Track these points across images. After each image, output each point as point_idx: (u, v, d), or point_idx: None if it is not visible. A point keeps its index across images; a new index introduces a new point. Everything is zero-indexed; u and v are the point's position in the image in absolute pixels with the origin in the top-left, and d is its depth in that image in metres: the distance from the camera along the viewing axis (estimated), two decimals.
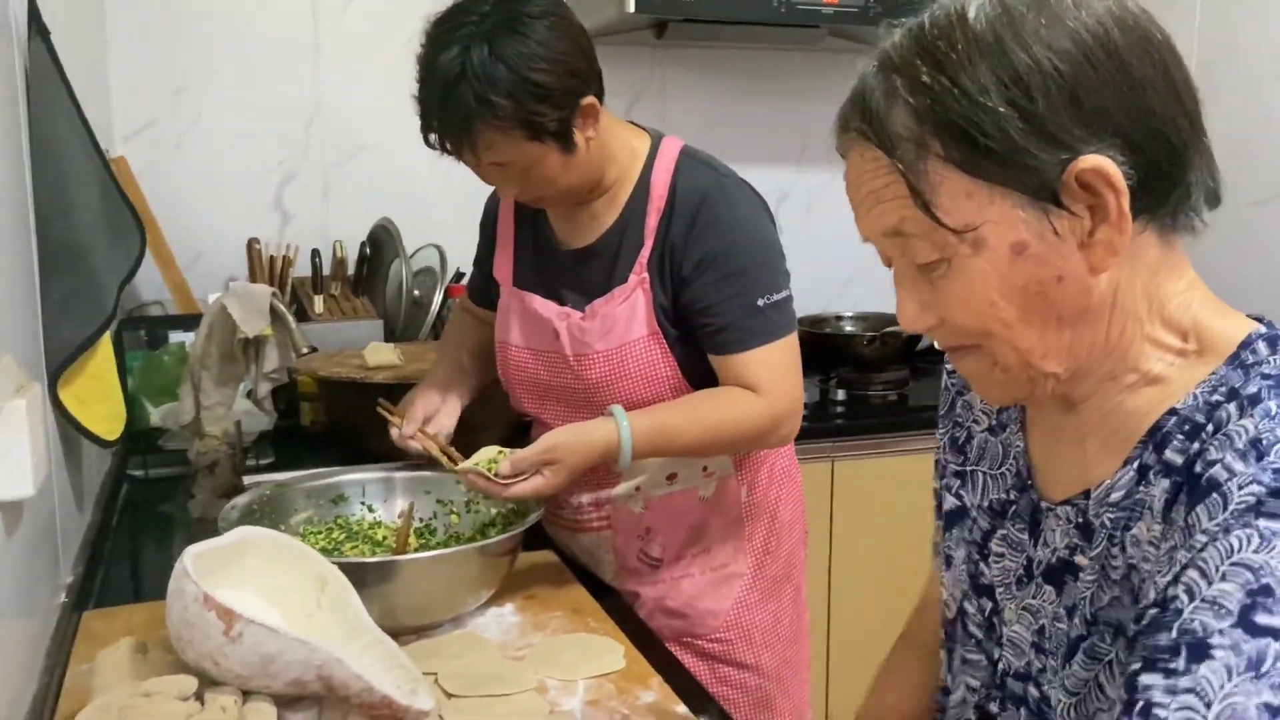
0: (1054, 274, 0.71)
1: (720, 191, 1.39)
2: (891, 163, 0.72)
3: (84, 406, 1.38)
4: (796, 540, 1.58)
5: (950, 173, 0.71)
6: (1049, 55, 0.69)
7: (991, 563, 0.89)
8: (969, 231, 0.71)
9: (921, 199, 0.72)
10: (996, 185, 0.70)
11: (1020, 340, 0.74)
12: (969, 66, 0.70)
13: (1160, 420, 0.74)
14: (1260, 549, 0.63)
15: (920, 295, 0.77)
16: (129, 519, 1.79)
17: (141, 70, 2.46)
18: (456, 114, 1.27)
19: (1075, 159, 0.69)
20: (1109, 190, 0.69)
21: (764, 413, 1.37)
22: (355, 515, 1.51)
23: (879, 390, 2.68)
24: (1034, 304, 0.72)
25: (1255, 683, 0.61)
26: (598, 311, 1.42)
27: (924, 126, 0.71)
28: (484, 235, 1.62)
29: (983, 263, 0.72)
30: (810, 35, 2.81)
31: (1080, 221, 0.70)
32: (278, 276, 2.44)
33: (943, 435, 0.99)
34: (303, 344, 1.81)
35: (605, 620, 1.33)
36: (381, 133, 2.65)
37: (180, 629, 1.01)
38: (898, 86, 0.72)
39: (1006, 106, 0.69)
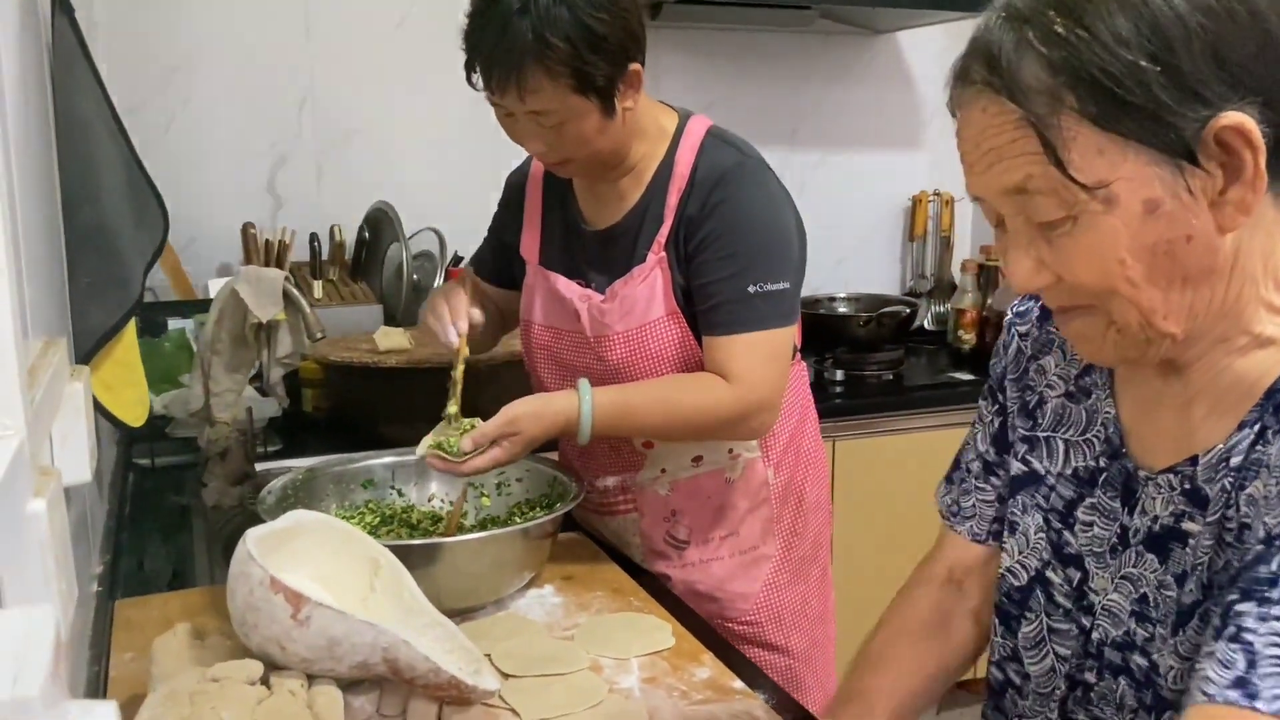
0: (1184, 233, 0.70)
1: (739, 172, 1.38)
2: (1022, 116, 0.70)
3: (111, 392, 1.35)
4: (823, 521, 1.59)
5: (1084, 127, 0.69)
6: (1189, 8, 0.67)
7: (1079, 531, 0.88)
8: (1101, 188, 0.70)
9: (1054, 154, 0.70)
10: (1131, 141, 0.69)
11: (1144, 300, 0.73)
12: (1107, 17, 0.68)
13: (1277, 383, 0.74)
14: None
15: (1038, 253, 0.75)
16: (141, 508, 1.76)
17: (130, 51, 2.41)
18: (511, 49, 1.25)
19: (1216, 116, 0.67)
20: (1247, 149, 0.68)
21: (733, 403, 1.34)
22: (386, 499, 1.50)
23: (874, 370, 2.71)
24: (1161, 263, 0.71)
25: None
26: (617, 293, 1.41)
27: (1059, 79, 0.69)
28: (507, 210, 1.59)
29: (1114, 220, 0.71)
30: (803, 17, 2.82)
31: (1213, 180, 0.69)
32: (274, 261, 2.40)
33: (1013, 400, 0.97)
34: (317, 329, 1.79)
35: (647, 600, 1.34)
36: (375, 116, 2.62)
37: (245, 613, 0.99)
38: (1030, 37, 0.70)
39: (1148, 60, 0.67)
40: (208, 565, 1.55)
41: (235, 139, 2.53)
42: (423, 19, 2.62)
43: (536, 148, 1.37)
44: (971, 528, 1.04)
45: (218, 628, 1.11)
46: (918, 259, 3.23)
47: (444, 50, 2.43)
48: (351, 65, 2.59)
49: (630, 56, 1.31)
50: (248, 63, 2.51)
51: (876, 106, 3.07)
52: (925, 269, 3.22)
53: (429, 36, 2.62)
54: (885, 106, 3.08)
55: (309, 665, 1.00)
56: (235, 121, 2.52)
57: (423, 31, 2.62)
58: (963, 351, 2.88)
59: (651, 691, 1.12)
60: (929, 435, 2.58)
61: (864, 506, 2.50)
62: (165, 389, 2.12)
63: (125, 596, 1.37)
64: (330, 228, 2.55)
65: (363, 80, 2.61)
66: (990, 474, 1.02)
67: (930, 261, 3.22)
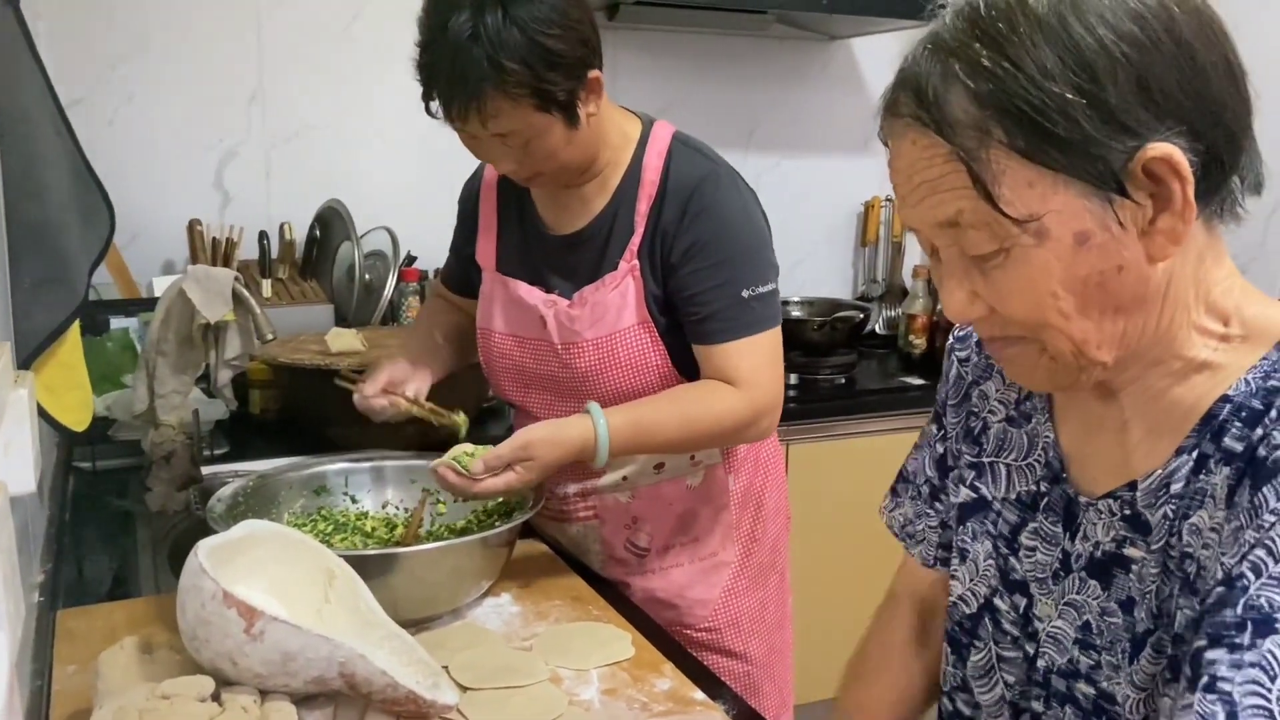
0: (1115, 264, 0.70)
1: (713, 180, 1.37)
2: (951, 150, 0.69)
3: (52, 395, 1.31)
4: (781, 527, 1.59)
5: (1013, 161, 0.68)
6: (1115, 39, 0.66)
7: (1023, 557, 0.88)
8: (1032, 221, 0.69)
9: (984, 188, 0.69)
10: (1061, 173, 0.68)
11: (1077, 331, 0.72)
12: (1032, 49, 0.67)
13: (1214, 408, 0.74)
14: None
15: (971, 284, 0.74)
16: (82, 513, 1.71)
17: (72, 42, 2.34)
18: (466, 78, 1.23)
19: (1143, 147, 0.67)
20: (1175, 179, 0.67)
21: (744, 407, 1.35)
22: (339, 506, 1.47)
23: (827, 374, 2.72)
24: (1094, 294, 0.71)
25: None
26: (587, 299, 1.40)
27: (986, 112, 0.68)
28: (463, 219, 1.58)
29: (1046, 253, 0.70)
30: (759, 21, 2.83)
31: (1143, 210, 0.69)
32: (221, 259, 2.35)
33: (955, 426, 0.97)
34: (267, 330, 1.75)
35: (606, 608, 1.33)
36: (327, 112, 2.58)
37: (197, 627, 0.97)
38: (956, 70, 0.69)
39: (1074, 92, 0.66)
40: (152, 572, 1.50)
41: (182, 133, 2.47)
42: (377, 15, 2.58)
43: (507, 167, 1.36)
44: (921, 552, 1.05)
45: (166, 641, 1.07)
46: (870, 264, 3.25)
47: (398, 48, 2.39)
48: (304, 60, 2.54)
49: (588, 65, 1.30)
50: (196, 55, 2.45)
51: (831, 112, 3.09)
52: (877, 274, 3.24)
53: (383, 33, 2.58)
54: (839, 112, 3.09)
55: (262, 681, 0.97)
56: (182, 115, 2.46)
57: (377, 28, 2.58)
58: (913, 356, 2.91)
59: (612, 704, 1.11)
60: (880, 439, 2.60)
61: (817, 510, 2.50)
62: (107, 389, 2.06)
63: (66, 605, 1.33)
64: (280, 225, 2.50)
65: (315, 76, 2.56)
66: (935, 499, 1.02)
67: (882, 267, 3.24)
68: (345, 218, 2.45)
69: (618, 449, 1.32)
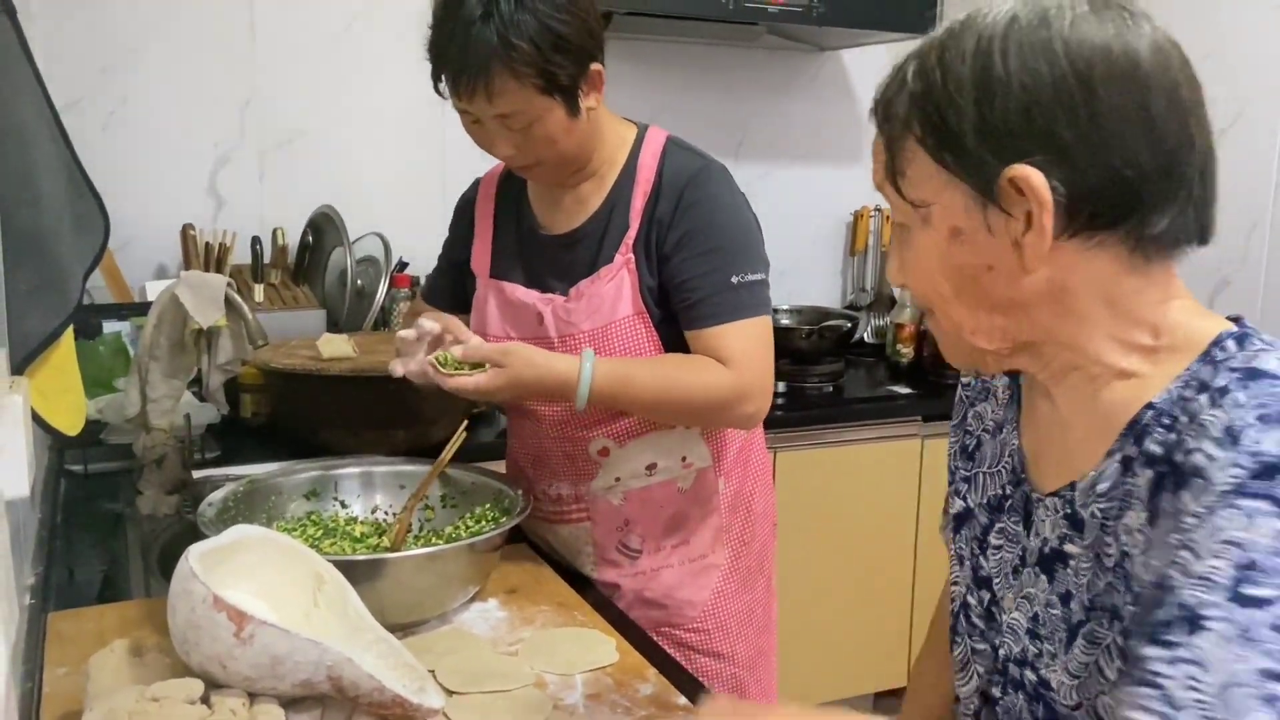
0: (985, 263, 0.79)
1: (707, 173, 1.42)
2: (883, 134, 0.82)
3: (46, 399, 1.32)
4: (768, 531, 1.61)
5: (920, 154, 0.79)
6: (1020, 70, 0.74)
7: (990, 554, 0.93)
8: (922, 207, 0.80)
9: (892, 170, 0.81)
10: (952, 174, 0.78)
11: (954, 314, 0.82)
12: (959, 64, 0.76)
13: (1138, 414, 0.79)
14: (1246, 527, 0.69)
15: (901, 255, 0.85)
16: (74, 516, 1.72)
17: (66, 46, 2.36)
18: (476, 54, 1.27)
19: (1010, 166, 0.75)
20: (1033, 200, 0.75)
21: (730, 383, 1.36)
22: (329, 511, 1.48)
23: (815, 382, 2.75)
24: (967, 285, 0.80)
25: (1248, 649, 0.66)
26: (584, 292, 1.43)
27: (911, 110, 0.79)
28: (458, 228, 1.60)
29: (926, 238, 0.81)
30: (750, 32, 2.86)
31: (1015, 223, 0.76)
32: (214, 263, 2.37)
33: (953, 444, 1.04)
34: (259, 335, 1.77)
35: (592, 614, 1.34)
36: (321, 118, 2.60)
37: (187, 631, 0.98)
38: (910, 72, 0.80)
39: (971, 106, 0.75)
40: (143, 576, 1.52)
41: (176, 138, 2.48)
42: (371, 22, 2.60)
43: (505, 151, 1.38)
44: None
45: (156, 644, 1.09)
46: (858, 273, 3.28)
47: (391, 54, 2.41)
48: (297, 66, 2.56)
49: (592, 56, 1.34)
50: (190, 60, 2.47)
51: (820, 122, 3.12)
52: (865, 283, 3.27)
53: (377, 40, 2.60)
54: (829, 122, 3.12)
55: (251, 684, 0.99)
56: (176, 120, 2.48)
57: (370, 35, 2.60)
58: (901, 365, 2.93)
59: (596, 708, 1.13)
60: (868, 447, 2.63)
61: (804, 516, 2.53)
62: (99, 393, 2.08)
63: (57, 608, 1.34)
64: (273, 231, 2.51)
65: (308, 82, 2.58)
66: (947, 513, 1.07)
67: (871, 276, 3.27)
68: (338, 223, 2.46)
69: (598, 393, 1.34)
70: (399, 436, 1.90)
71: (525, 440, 1.56)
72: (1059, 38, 0.74)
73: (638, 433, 1.46)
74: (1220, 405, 0.73)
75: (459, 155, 1.45)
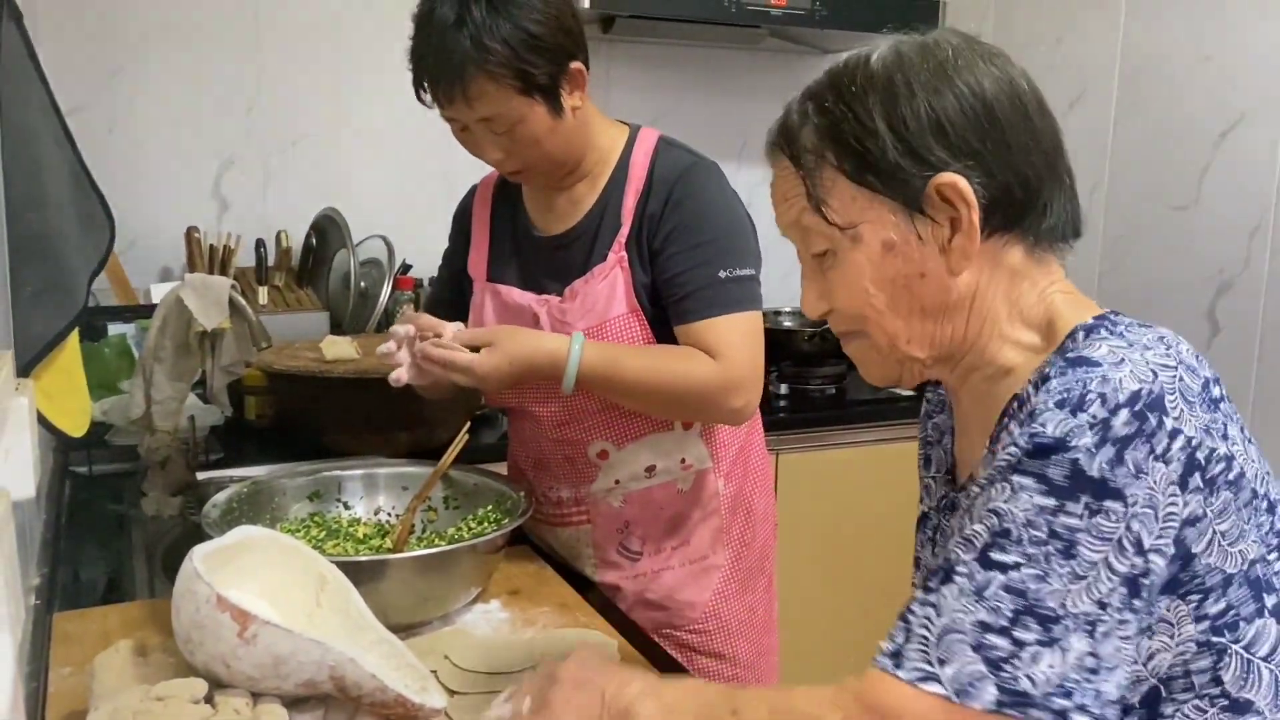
0: (917, 270, 0.85)
1: (696, 170, 1.43)
2: (795, 170, 0.88)
3: (52, 401, 1.33)
4: (769, 532, 1.62)
5: (840, 180, 0.86)
6: (926, 94, 0.84)
7: (937, 553, 1.00)
8: (850, 229, 0.86)
9: (815, 200, 0.87)
10: (876, 193, 0.85)
11: (889, 325, 0.88)
12: (863, 98, 0.85)
13: (1008, 405, 0.85)
14: (1008, 500, 0.76)
15: (818, 285, 0.91)
16: (79, 517, 1.73)
17: (73, 51, 2.37)
18: (451, 58, 1.30)
19: (936, 175, 0.83)
20: (961, 203, 0.83)
21: (716, 375, 1.36)
22: (332, 512, 1.49)
23: (818, 384, 2.75)
24: (901, 295, 0.86)
25: (976, 604, 0.75)
26: (578, 291, 1.44)
27: (824, 142, 0.86)
28: (456, 235, 1.61)
29: (860, 255, 0.86)
30: (752, 35, 2.87)
31: (941, 229, 0.84)
32: (219, 266, 2.38)
33: (921, 455, 1.08)
34: (262, 338, 1.78)
35: (593, 615, 1.35)
36: (324, 121, 2.61)
37: (191, 630, 0.99)
38: (809, 110, 0.88)
39: (887, 130, 0.83)
40: (147, 577, 1.53)
41: (180, 142, 2.49)
42: (374, 26, 2.61)
43: (494, 156, 1.39)
44: None
45: (160, 644, 1.10)
46: None
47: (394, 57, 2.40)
48: (301, 69, 2.57)
49: (569, 54, 1.36)
50: (194, 64, 2.48)
51: None
52: None
53: (380, 43, 2.61)
54: None
55: (254, 684, 0.99)
56: (180, 124, 2.49)
57: (373, 38, 2.61)
58: None
59: None
60: (870, 450, 2.63)
61: (806, 518, 2.53)
62: (104, 395, 2.08)
63: (62, 609, 1.35)
64: (277, 233, 2.52)
65: (312, 85, 2.59)
66: None
67: None
68: (341, 226, 2.47)
69: (586, 376, 1.34)
70: (401, 438, 1.91)
71: (525, 443, 1.57)
72: (950, 66, 0.84)
73: (636, 435, 1.47)
74: (1043, 391, 0.79)
75: (462, 158, 1.46)
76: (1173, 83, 2.59)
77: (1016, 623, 0.74)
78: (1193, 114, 2.55)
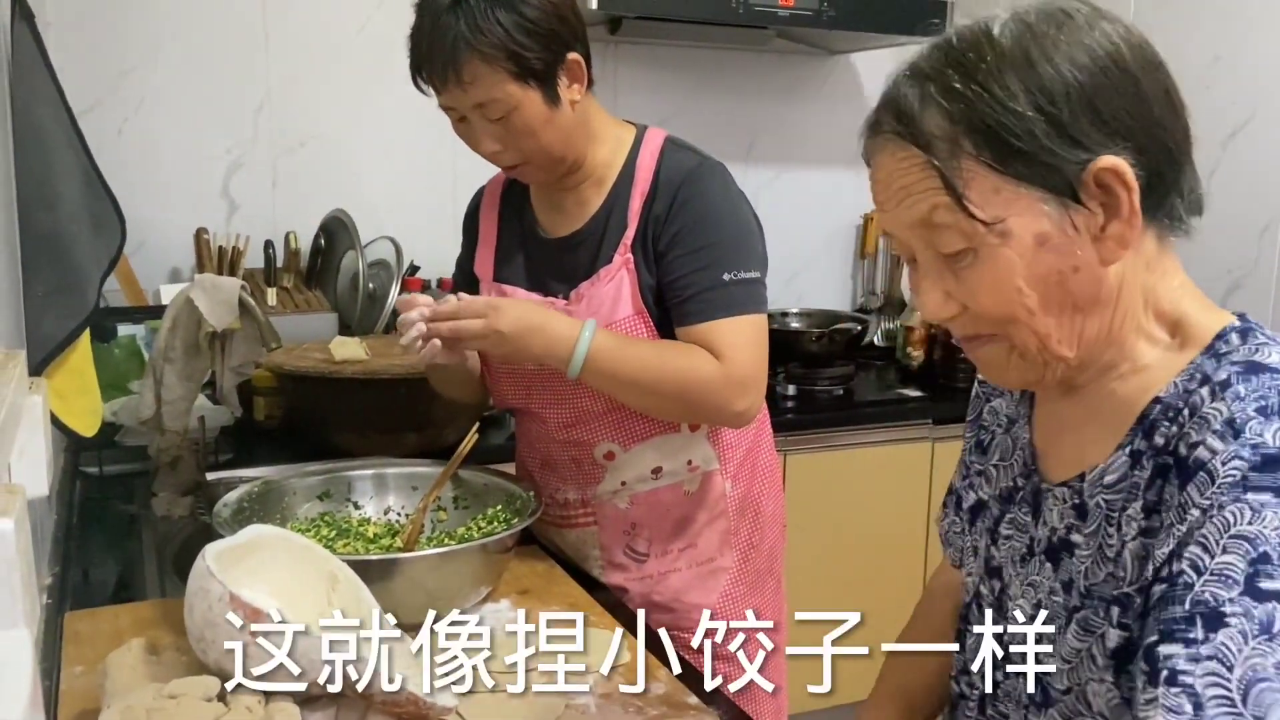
0: (1071, 264, 0.78)
1: (702, 171, 1.42)
2: (926, 159, 0.78)
3: (63, 401, 1.34)
4: (778, 534, 1.62)
5: (981, 169, 0.77)
6: (1070, 68, 0.76)
7: (1001, 544, 0.95)
8: (997, 223, 0.78)
9: (955, 193, 0.78)
10: (1023, 182, 0.77)
11: (1040, 326, 0.80)
12: (999, 76, 0.76)
13: (1147, 408, 0.81)
14: (1253, 520, 0.69)
15: (945, 285, 0.82)
16: (89, 517, 1.74)
17: (84, 52, 2.38)
18: (445, 41, 1.31)
19: (1094, 159, 0.76)
20: (1122, 188, 0.76)
21: (719, 374, 1.36)
22: (342, 512, 1.49)
23: (826, 385, 2.75)
24: (1054, 292, 0.79)
25: (1270, 643, 0.67)
26: (584, 294, 1.44)
27: (957, 128, 0.77)
28: (466, 237, 1.61)
29: (1010, 251, 0.78)
30: (759, 36, 2.87)
31: (1095, 217, 0.77)
32: (228, 267, 2.39)
33: (969, 439, 1.05)
34: (272, 338, 1.78)
35: (602, 614, 1.35)
36: (333, 122, 2.61)
37: (203, 629, 0.99)
38: (931, 92, 0.78)
39: (1034, 112, 0.75)
40: (157, 576, 1.53)
41: (189, 143, 2.50)
42: (383, 26, 2.61)
43: (490, 147, 1.39)
44: (952, 554, 1.11)
45: (172, 643, 1.10)
46: (868, 276, 3.28)
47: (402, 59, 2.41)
48: (310, 71, 2.58)
49: (566, 44, 1.35)
50: (203, 65, 2.49)
51: (830, 126, 3.12)
52: (875, 286, 3.27)
53: (389, 44, 2.58)
54: (839, 126, 3.12)
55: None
56: (190, 125, 2.50)
57: (383, 39, 2.61)
58: (911, 368, 2.93)
59: (607, 707, 1.13)
60: (878, 450, 2.63)
61: (814, 519, 2.53)
62: (114, 396, 2.09)
63: (73, 608, 1.35)
64: (285, 234, 2.53)
65: (321, 86, 2.59)
66: (959, 506, 1.09)
67: (881, 279, 3.27)
68: (350, 227, 2.48)
69: (594, 364, 1.34)
70: (410, 439, 1.91)
71: (533, 445, 1.57)
72: (1086, 36, 0.77)
73: (643, 436, 1.47)
74: (1221, 398, 0.75)
75: (470, 159, 1.46)
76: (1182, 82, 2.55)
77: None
78: (1202, 113, 2.51)
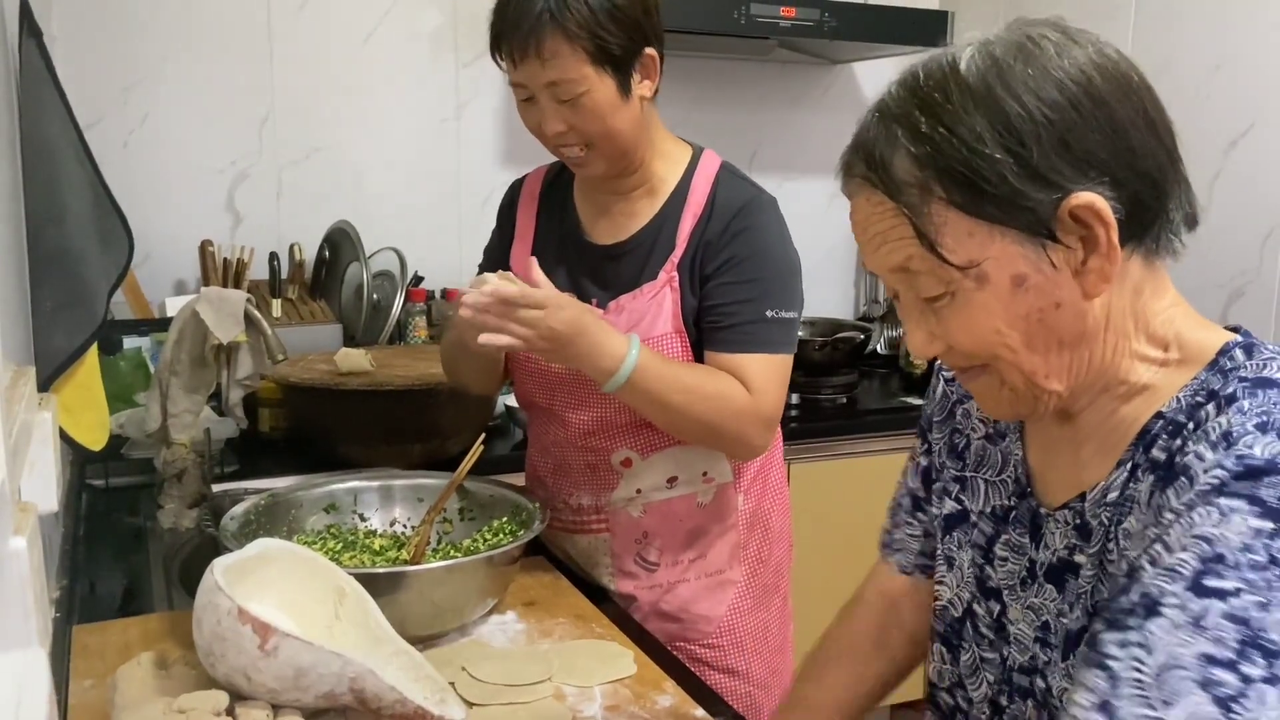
0: (1052, 301, 0.77)
1: (759, 204, 1.43)
2: (896, 207, 0.78)
3: (71, 415, 1.35)
4: (785, 550, 1.62)
5: (952, 214, 0.76)
6: (1038, 105, 0.74)
7: (997, 566, 0.94)
8: (972, 268, 0.77)
9: (927, 240, 0.77)
10: (996, 224, 0.75)
11: (1025, 363, 0.79)
12: (965, 116, 0.74)
13: (1148, 424, 0.81)
14: (1219, 524, 0.70)
15: (927, 325, 0.82)
16: (96, 530, 1.74)
17: (89, 66, 2.39)
18: (530, 14, 1.31)
19: (1067, 197, 0.74)
20: (1099, 224, 0.75)
21: (749, 407, 1.38)
22: (348, 524, 1.50)
23: (829, 394, 2.75)
24: (1036, 330, 0.78)
25: (1197, 635, 0.68)
26: (624, 306, 1.44)
27: (926, 173, 0.76)
28: (500, 227, 1.61)
29: (986, 295, 0.77)
30: (762, 46, 2.88)
31: (1073, 253, 0.76)
32: (233, 279, 2.39)
33: (939, 441, 1.04)
34: (278, 350, 1.79)
35: (610, 626, 1.35)
36: (337, 134, 2.62)
37: (213, 643, 1.00)
38: (899, 135, 0.77)
39: (1002, 153, 0.74)
40: (164, 589, 1.53)
41: (194, 155, 2.51)
42: (388, 38, 2.63)
43: (556, 127, 1.38)
44: (899, 560, 1.11)
45: (181, 656, 1.10)
46: (871, 285, 3.29)
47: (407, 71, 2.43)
48: (314, 83, 2.59)
49: (646, 38, 1.37)
50: (208, 78, 2.50)
51: (832, 135, 3.12)
52: (878, 295, 3.27)
53: (393, 56, 2.63)
54: (841, 135, 3.06)
55: (275, 695, 1.00)
56: (195, 138, 2.51)
57: (387, 51, 2.63)
58: (914, 376, 2.93)
59: (614, 719, 1.14)
60: (881, 459, 2.63)
61: (818, 529, 2.53)
62: (120, 408, 2.10)
63: (81, 621, 1.36)
64: (290, 246, 2.54)
65: (325, 98, 2.60)
66: (918, 509, 1.09)
67: (883, 288, 3.27)
68: (354, 239, 2.49)
69: (638, 380, 1.33)
70: (416, 450, 1.92)
71: (547, 449, 1.56)
72: (1054, 66, 0.75)
73: (661, 445, 1.47)
74: (1225, 412, 0.74)
75: (474, 171, 1.47)
76: (1183, 90, 2.59)
77: (1242, 655, 0.67)
78: (1203, 121, 2.55)
